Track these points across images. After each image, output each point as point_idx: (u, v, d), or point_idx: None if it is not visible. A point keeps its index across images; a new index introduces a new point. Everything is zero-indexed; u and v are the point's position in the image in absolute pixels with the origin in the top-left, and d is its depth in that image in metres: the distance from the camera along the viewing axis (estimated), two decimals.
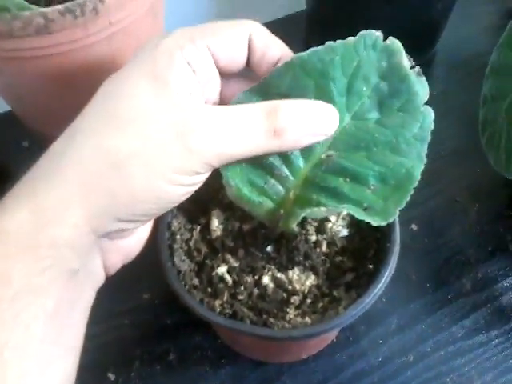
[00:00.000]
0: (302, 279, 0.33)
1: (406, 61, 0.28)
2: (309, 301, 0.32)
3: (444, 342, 0.41)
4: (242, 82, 0.30)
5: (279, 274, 0.33)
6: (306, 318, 0.31)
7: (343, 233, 0.35)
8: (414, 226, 0.47)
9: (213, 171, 0.27)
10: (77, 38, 0.35)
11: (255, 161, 0.30)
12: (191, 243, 0.34)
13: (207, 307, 0.31)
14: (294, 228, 0.31)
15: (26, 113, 0.45)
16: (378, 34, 0.28)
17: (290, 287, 0.33)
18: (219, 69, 0.28)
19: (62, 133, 0.26)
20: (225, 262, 0.33)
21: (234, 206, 0.34)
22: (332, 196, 0.29)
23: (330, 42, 0.28)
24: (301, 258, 0.33)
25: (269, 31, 0.29)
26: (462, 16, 0.63)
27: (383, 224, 0.28)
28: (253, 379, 0.39)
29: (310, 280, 0.33)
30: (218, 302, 0.32)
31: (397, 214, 0.28)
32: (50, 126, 0.35)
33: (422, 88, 0.28)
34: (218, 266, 0.33)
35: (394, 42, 0.28)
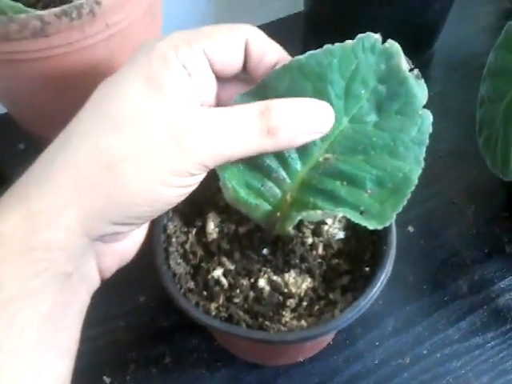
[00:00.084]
0: (298, 282, 0.33)
1: (404, 63, 0.28)
2: (305, 304, 0.32)
3: (440, 344, 0.41)
4: (238, 86, 0.30)
5: (275, 277, 0.33)
6: (302, 321, 0.31)
7: (339, 235, 0.35)
8: (410, 228, 0.47)
9: (209, 174, 0.27)
10: (73, 41, 0.35)
11: (252, 163, 0.29)
12: (187, 246, 0.34)
13: (203, 310, 0.31)
14: (291, 231, 0.31)
15: (23, 115, 0.45)
16: (377, 36, 0.28)
17: (286, 290, 0.32)
18: (215, 72, 0.28)
19: (58, 135, 0.26)
20: (220, 264, 0.33)
21: (230, 209, 0.34)
22: (329, 199, 0.29)
23: (328, 44, 0.28)
24: (297, 260, 0.33)
25: (266, 35, 0.29)
26: (460, 16, 0.63)
27: (379, 228, 0.28)
28: (249, 382, 0.39)
29: (306, 283, 0.33)
30: (213, 305, 0.32)
31: (393, 218, 0.28)
32: (46, 128, 0.35)
33: (420, 91, 0.28)
34: (213, 269, 0.33)
35: (392, 45, 0.28)
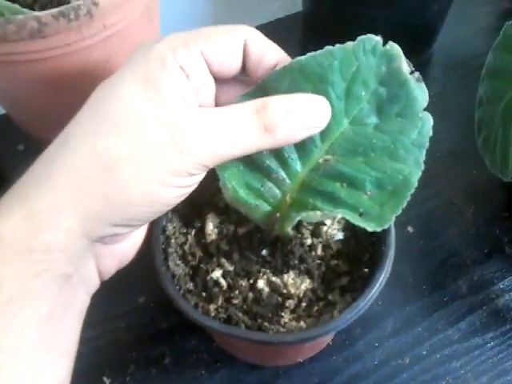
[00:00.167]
0: (297, 283, 0.33)
1: (405, 66, 0.28)
2: (304, 305, 0.32)
3: (440, 344, 0.41)
4: (237, 87, 0.30)
5: (274, 278, 0.33)
6: (301, 322, 0.31)
7: (338, 236, 0.35)
8: (410, 229, 0.47)
9: (208, 175, 0.27)
10: (71, 42, 0.35)
11: (252, 163, 0.29)
12: (186, 247, 0.34)
13: (202, 311, 0.31)
14: (290, 231, 0.31)
15: (21, 117, 0.45)
16: (378, 38, 0.28)
17: (285, 291, 0.32)
18: (213, 74, 0.28)
19: (56, 137, 0.26)
20: (219, 266, 0.33)
21: (230, 210, 0.34)
22: (328, 200, 0.29)
23: (328, 46, 0.28)
24: (296, 261, 0.33)
25: (265, 36, 0.29)
26: (459, 17, 0.63)
27: (378, 230, 0.28)
28: (248, 382, 0.39)
29: (305, 284, 0.33)
30: (212, 307, 0.32)
31: (392, 220, 0.28)
32: (44, 129, 0.35)
33: (421, 93, 0.28)
34: (212, 270, 0.33)
35: (393, 47, 0.28)
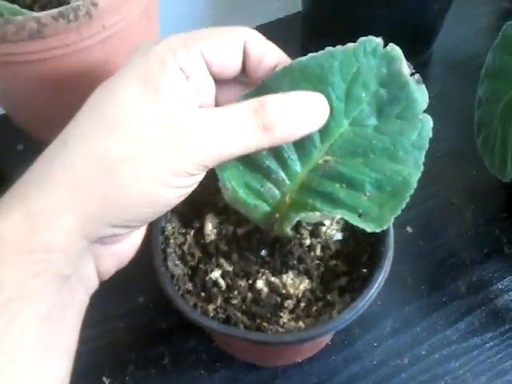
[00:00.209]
0: (295, 283, 0.33)
1: (405, 68, 0.28)
2: (303, 305, 0.32)
3: (439, 344, 0.41)
4: (237, 88, 0.30)
5: (273, 278, 0.33)
6: (300, 322, 0.31)
7: (337, 237, 0.35)
8: (409, 229, 0.47)
9: (208, 175, 0.27)
10: (70, 43, 0.35)
11: (252, 164, 0.29)
12: (185, 247, 0.34)
13: (201, 312, 0.31)
14: (289, 232, 0.31)
15: (20, 117, 0.45)
16: (379, 40, 0.28)
17: (284, 291, 0.32)
18: (213, 75, 0.28)
19: (56, 137, 0.26)
20: (218, 266, 0.33)
21: (229, 210, 0.34)
22: (328, 201, 0.29)
23: (329, 47, 0.28)
24: (295, 261, 0.33)
25: (264, 38, 0.29)
26: (459, 17, 0.63)
27: (377, 231, 0.28)
28: (247, 382, 0.39)
29: (304, 284, 0.33)
30: (211, 307, 0.32)
31: (391, 221, 0.28)
32: (44, 130, 0.35)
33: (421, 95, 0.28)
34: (211, 271, 0.33)
35: (394, 49, 0.28)
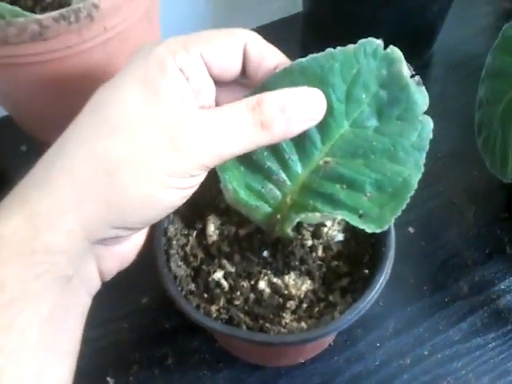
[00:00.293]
0: (297, 284, 0.33)
1: (406, 69, 0.28)
2: (305, 306, 0.32)
3: (441, 345, 0.41)
4: (237, 90, 0.30)
5: (275, 279, 0.33)
6: (302, 322, 0.31)
7: (339, 237, 0.35)
8: (411, 229, 0.47)
9: (209, 176, 0.27)
10: (72, 44, 0.36)
11: (253, 165, 0.30)
12: (187, 248, 0.34)
13: (203, 313, 0.31)
14: (290, 233, 0.31)
15: (23, 118, 0.46)
16: (379, 42, 0.28)
17: (286, 292, 0.33)
18: (213, 77, 0.28)
19: (56, 140, 0.26)
20: (221, 267, 0.33)
21: (231, 211, 0.34)
22: (328, 202, 0.29)
23: (329, 48, 0.28)
24: (297, 262, 0.33)
25: (265, 40, 0.29)
26: (459, 17, 0.63)
27: (378, 231, 0.28)
28: (250, 383, 0.39)
29: (306, 285, 0.33)
30: (214, 308, 0.32)
31: (392, 222, 0.28)
32: (45, 132, 0.35)
33: (421, 97, 0.28)
34: (214, 272, 0.33)
35: (394, 51, 0.28)
